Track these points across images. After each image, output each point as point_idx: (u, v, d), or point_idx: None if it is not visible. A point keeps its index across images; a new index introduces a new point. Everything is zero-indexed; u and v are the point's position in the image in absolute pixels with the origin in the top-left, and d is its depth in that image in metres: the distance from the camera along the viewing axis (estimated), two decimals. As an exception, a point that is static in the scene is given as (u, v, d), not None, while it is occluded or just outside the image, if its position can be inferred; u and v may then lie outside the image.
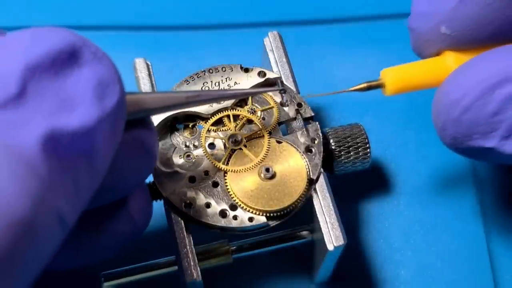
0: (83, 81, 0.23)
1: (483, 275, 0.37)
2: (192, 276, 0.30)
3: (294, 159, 0.33)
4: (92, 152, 0.23)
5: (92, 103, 0.23)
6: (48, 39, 0.23)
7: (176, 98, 0.28)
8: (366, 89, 0.33)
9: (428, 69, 0.32)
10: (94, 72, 0.23)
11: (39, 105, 0.22)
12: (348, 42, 0.44)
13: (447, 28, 0.31)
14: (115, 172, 0.26)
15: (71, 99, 0.22)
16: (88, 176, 0.23)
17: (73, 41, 0.23)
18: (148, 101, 0.26)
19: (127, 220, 0.29)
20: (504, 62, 0.29)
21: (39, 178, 0.20)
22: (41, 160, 0.21)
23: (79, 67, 0.23)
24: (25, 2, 0.44)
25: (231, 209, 0.32)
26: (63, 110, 0.22)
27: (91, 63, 0.23)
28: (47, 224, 0.21)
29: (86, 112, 0.22)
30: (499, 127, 0.29)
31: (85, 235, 0.28)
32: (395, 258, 0.37)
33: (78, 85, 0.23)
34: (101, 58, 0.24)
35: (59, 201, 0.21)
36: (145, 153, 0.27)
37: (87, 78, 0.23)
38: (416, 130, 0.41)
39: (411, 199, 0.39)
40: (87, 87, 0.23)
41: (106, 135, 0.23)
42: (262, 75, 0.35)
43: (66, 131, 0.22)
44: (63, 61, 0.23)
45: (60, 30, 0.23)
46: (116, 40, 0.43)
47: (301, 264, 0.36)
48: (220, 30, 0.44)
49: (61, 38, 0.23)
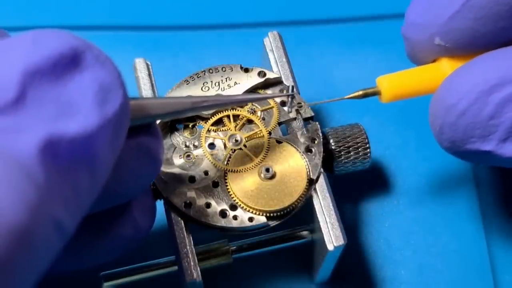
0: (84, 86, 0.22)
1: (483, 275, 0.37)
2: (192, 276, 0.30)
3: (294, 159, 0.33)
4: (92, 159, 0.22)
5: (93, 108, 0.22)
6: (50, 43, 0.22)
7: (182, 104, 0.28)
8: (362, 97, 0.33)
9: (424, 76, 0.32)
10: (96, 77, 0.23)
11: (38, 111, 0.21)
12: (348, 42, 0.44)
13: (441, 40, 0.31)
14: (119, 178, 0.25)
15: (72, 105, 0.22)
16: (88, 182, 0.22)
17: (76, 45, 0.23)
18: (153, 107, 0.26)
19: (130, 224, 0.29)
20: (499, 65, 0.29)
21: (36, 186, 0.20)
22: (39, 167, 0.20)
23: (81, 71, 0.23)
24: (25, 2, 0.44)
25: (231, 209, 0.32)
26: (62, 116, 0.22)
27: (93, 68, 0.23)
28: (44, 233, 0.20)
29: (87, 118, 0.22)
30: (495, 130, 0.29)
31: (88, 238, 0.28)
32: (395, 258, 0.37)
33: (79, 90, 0.22)
34: (103, 62, 0.23)
35: (57, 208, 0.21)
36: (150, 160, 0.27)
37: (88, 83, 0.22)
38: (416, 130, 0.41)
39: (411, 199, 0.39)
40: (88, 92, 0.22)
41: (108, 141, 0.23)
42: (262, 75, 0.35)
43: (65, 137, 0.21)
44: (65, 65, 0.22)
45: (63, 34, 0.23)
46: (116, 40, 0.43)
47: (301, 264, 0.36)
48: (220, 30, 0.44)
49: (63, 42, 0.22)
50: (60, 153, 0.21)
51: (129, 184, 0.27)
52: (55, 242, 0.21)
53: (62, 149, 0.21)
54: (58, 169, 0.21)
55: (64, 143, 0.21)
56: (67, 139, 0.21)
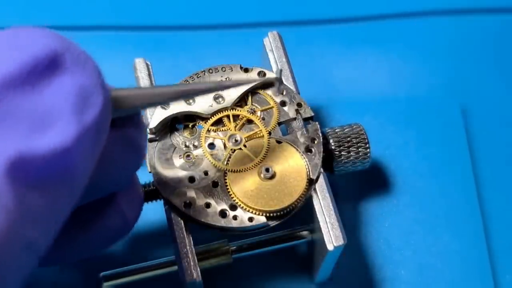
0: (62, 93, 0.21)
1: (483, 275, 0.37)
2: (192, 276, 0.30)
3: (294, 159, 0.33)
4: (70, 172, 0.21)
5: (71, 118, 0.21)
6: (26, 47, 0.21)
7: (165, 93, 0.26)
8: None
9: None
10: (75, 82, 0.21)
11: (8, 127, 0.20)
12: (348, 42, 0.44)
13: None
14: (102, 170, 0.24)
15: (48, 115, 0.20)
16: (65, 195, 0.21)
17: (54, 47, 0.21)
18: (134, 98, 0.25)
19: (117, 215, 0.28)
20: None
21: (4, 208, 0.19)
22: (7, 188, 0.19)
23: (59, 75, 0.21)
24: (25, 2, 0.44)
25: (231, 209, 0.32)
26: (36, 130, 0.20)
27: (73, 71, 0.21)
28: (14, 255, 0.19)
29: (64, 129, 0.20)
30: None
31: (74, 231, 0.27)
32: (395, 258, 0.37)
33: (57, 97, 0.21)
34: (84, 64, 0.22)
35: (29, 228, 0.20)
36: (134, 150, 0.26)
37: (67, 89, 0.21)
38: (416, 130, 0.41)
39: (411, 199, 0.39)
40: (67, 99, 0.21)
41: (87, 150, 0.21)
42: (262, 75, 0.35)
43: (38, 154, 0.20)
44: (41, 72, 0.21)
45: (41, 35, 0.21)
46: (116, 40, 0.43)
47: (301, 264, 0.36)
48: (220, 30, 0.44)
49: (41, 45, 0.21)
50: (32, 171, 0.20)
51: (113, 176, 0.26)
52: (27, 261, 0.20)
53: (34, 167, 0.20)
54: (30, 187, 0.20)
55: (37, 160, 0.20)
56: (40, 156, 0.20)
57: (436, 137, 0.41)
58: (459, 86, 0.43)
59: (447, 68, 0.44)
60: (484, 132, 0.42)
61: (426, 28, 0.44)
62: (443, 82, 0.43)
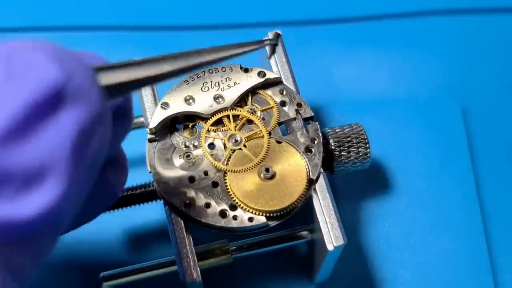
0: (58, 140, 0.18)
1: (483, 275, 0.37)
2: (192, 276, 0.30)
3: (294, 159, 0.33)
4: (56, 226, 0.19)
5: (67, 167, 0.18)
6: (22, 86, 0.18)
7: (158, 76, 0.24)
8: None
9: None
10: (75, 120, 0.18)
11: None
12: (348, 42, 0.44)
13: None
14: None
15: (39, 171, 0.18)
16: (50, 241, 0.19)
17: (54, 82, 0.18)
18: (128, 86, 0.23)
19: (104, 184, 0.27)
20: None
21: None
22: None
23: (58, 115, 0.18)
24: (25, 2, 0.44)
25: (231, 209, 0.32)
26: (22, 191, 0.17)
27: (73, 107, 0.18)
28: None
29: (54, 186, 0.18)
30: None
31: None
32: (395, 258, 0.37)
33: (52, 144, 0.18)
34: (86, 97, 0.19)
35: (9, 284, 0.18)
36: (125, 121, 0.25)
37: (65, 131, 0.18)
38: (416, 130, 0.41)
39: (411, 199, 0.39)
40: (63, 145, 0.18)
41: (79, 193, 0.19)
42: (262, 75, 0.35)
43: (20, 219, 0.17)
44: (37, 115, 0.18)
45: (39, 62, 0.18)
46: (116, 40, 0.43)
47: (301, 264, 0.36)
48: (220, 30, 0.44)
49: (39, 80, 0.18)
50: (12, 234, 0.18)
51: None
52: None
53: (14, 230, 0.18)
54: (11, 247, 0.18)
55: (20, 224, 0.18)
56: (22, 220, 0.18)
57: (436, 137, 0.41)
58: (459, 86, 0.43)
59: (448, 68, 0.44)
60: (484, 132, 0.42)
61: (426, 28, 0.44)
62: (444, 82, 0.43)
